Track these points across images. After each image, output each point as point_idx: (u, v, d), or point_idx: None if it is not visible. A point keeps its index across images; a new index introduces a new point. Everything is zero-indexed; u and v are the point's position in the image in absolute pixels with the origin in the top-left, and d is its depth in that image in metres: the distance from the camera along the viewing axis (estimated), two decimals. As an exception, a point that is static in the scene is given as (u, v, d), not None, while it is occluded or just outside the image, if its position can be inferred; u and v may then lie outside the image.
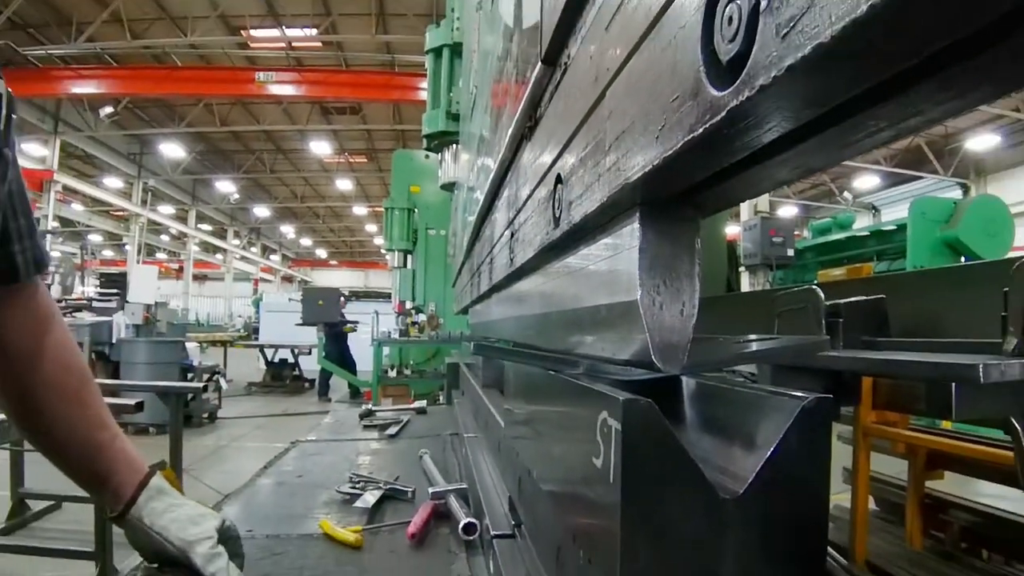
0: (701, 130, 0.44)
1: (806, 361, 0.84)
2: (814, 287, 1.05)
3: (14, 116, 1.01)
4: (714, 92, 0.42)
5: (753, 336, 1.06)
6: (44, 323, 1.16)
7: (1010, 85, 0.36)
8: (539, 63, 0.95)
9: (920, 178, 22.97)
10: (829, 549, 0.66)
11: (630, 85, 0.58)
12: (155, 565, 1.14)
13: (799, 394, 0.62)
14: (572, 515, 0.80)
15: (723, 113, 0.41)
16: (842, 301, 0.97)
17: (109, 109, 22.94)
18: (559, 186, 0.86)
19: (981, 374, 0.59)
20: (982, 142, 22.82)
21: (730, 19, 0.40)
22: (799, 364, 0.85)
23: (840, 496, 1.84)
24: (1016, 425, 0.59)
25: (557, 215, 0.87)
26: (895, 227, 8.57)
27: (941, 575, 1.68)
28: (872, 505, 2.02)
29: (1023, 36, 0.31)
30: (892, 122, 0.42)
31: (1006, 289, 0.65)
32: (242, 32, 19.82)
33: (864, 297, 1.00)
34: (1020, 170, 22.85)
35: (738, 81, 0.40)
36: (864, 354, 0.89)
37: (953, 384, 0.62)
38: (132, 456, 1.17)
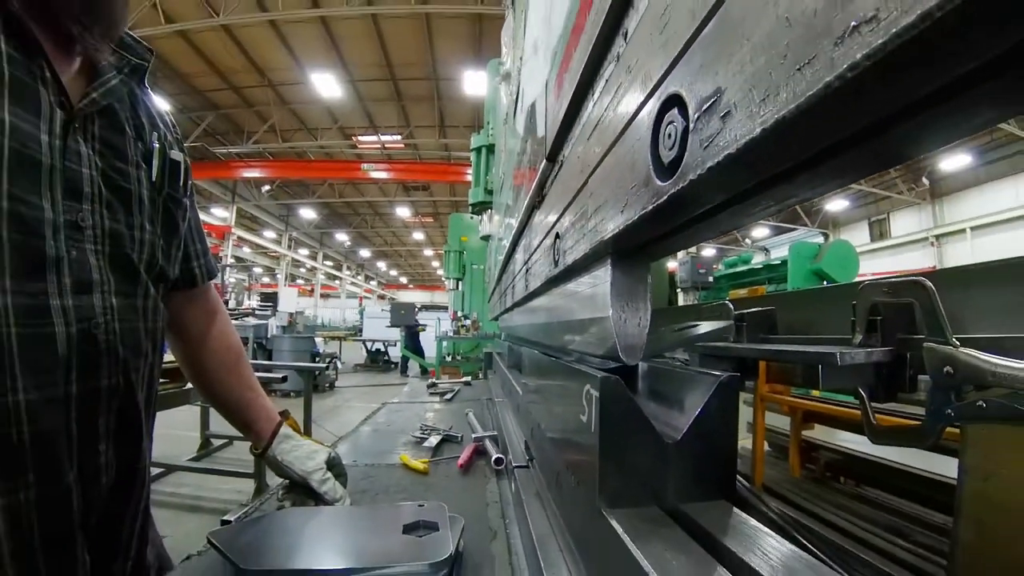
0: (651, 207, 0.44)
1: (721, 351, 0.84)
2: (727, 302, 1.04)
3: (191, 180, 1.01)
4: (659, 183, 0.42)
5: (682, 324, 1.07)
6: (211, 316, 1.16)
7: (852, 178, 0.36)
8: (544, 160, 0.95)
9: (795, 229, 22.96)
10: (737, 476, 0.65)
11: (604, 176, 0.59)
12: (288, 483, 1.15)
13: (717, 373, 0.62)
14: (566, 453, 0.80)
15: (665, 197, 0.42)
16: (745, 311, 0.97)
17: (267, 187, 23.33)
18: (558, 240, 0.86)
19: (838, 359, 0.58)
20: (836, 204, 22.92)
21: (669, 135, 0.41)
22: (717, 354, 0.85)
23: (745, 441, 1.82)
24: (861, 392, 0.59)
25: (556, 259, 0.86)
26: (780, 262, 8.49)
27: (811, 493, 1.64)
28: (766, 447, 1.99)
29: (852, 154, 0.32)
30: (777, 201, 0.42)
31: (854, 302, 0.64)
32: (352, 138, 20.06)
33: (760, 308, 1.00)
34: (863, 223, 22.80)
35: (675, 175, 0.40)
36: (760, 346, 0.88)
37: (820, 365, 0.62)
38: (270, 409, 1.18)
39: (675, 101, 0.40)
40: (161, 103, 1.00)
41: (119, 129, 0.82)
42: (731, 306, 1.00)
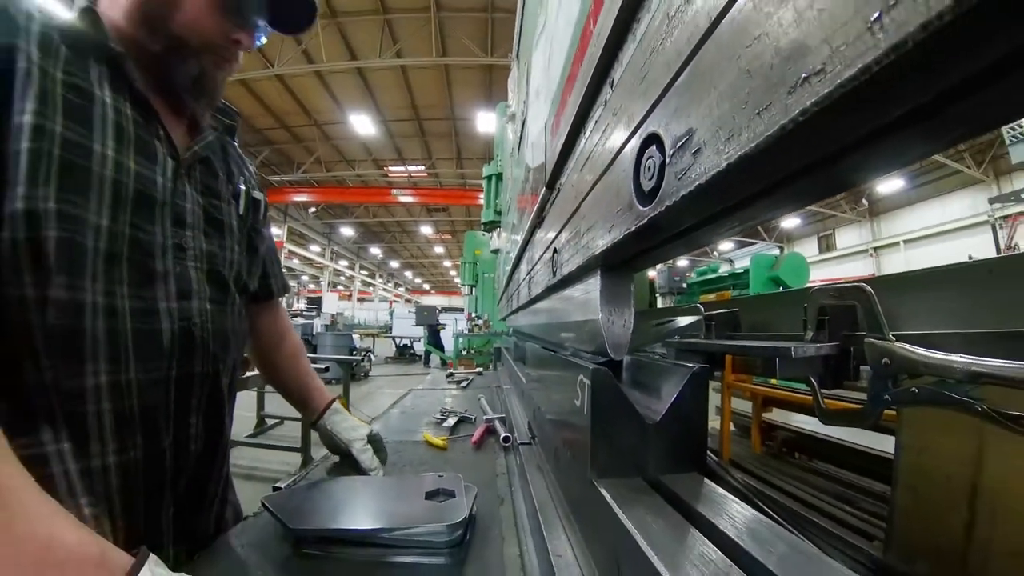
0: (633, 228, 0.44)
1: (693, 346, 0.83)
2: (698, 305, 1.04)
3: (268, 213, 1.09)
4: (640, 207, 0.42)
5: (661, 319, 1.06)
6: (282, 322, 1.23)
7: (805, 203, 0.36)
8: (544, 187, 0.96)
9: (755, 243, 22.90)
10: (708, 452, 0.64)
11: (594, 201, 0.58)
12: (333, 463, 1.20)
13: (690, 364, 0.61)
14: (562, 432, 0.79)
15: (645, 220, 0.41)
16: (713, 312, 0.97)
17: (313, 209, 23.41)
18: (555, 254, 0.86)
19: (792, 352, 0.57)
20: (790, 222, 22.88)
21: (649, 168, 0.41)
22: (690, 348, 0.84)
23: (714, 422, 1.81)
24: (812, 380, 0.58)
25: (555, 270, 0.86)
26: (742, 271, 8.42)
27: (770, 466, 1.63)
28: (732, 427, 1.97)
29: (785, 192, 0.32)
30: (741, 222, 0.42)
31: (805, 305, 0.64)
32: (384, 168, 20.15)
33: (726, 310, 0.99)
34: (812, 238, 22.77)
35: (654, 202, 0.40)
36: (726, 342, 0.87)
37: (776, 358, 0.61)
38: (323, 391, 1.22)
39: (654, 139, 0.40)
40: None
41: (214, 174, 0.90)
42: (702, 308, 1.00)
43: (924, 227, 17.24)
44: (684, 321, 1.01)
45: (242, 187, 0.98)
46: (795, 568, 0.36)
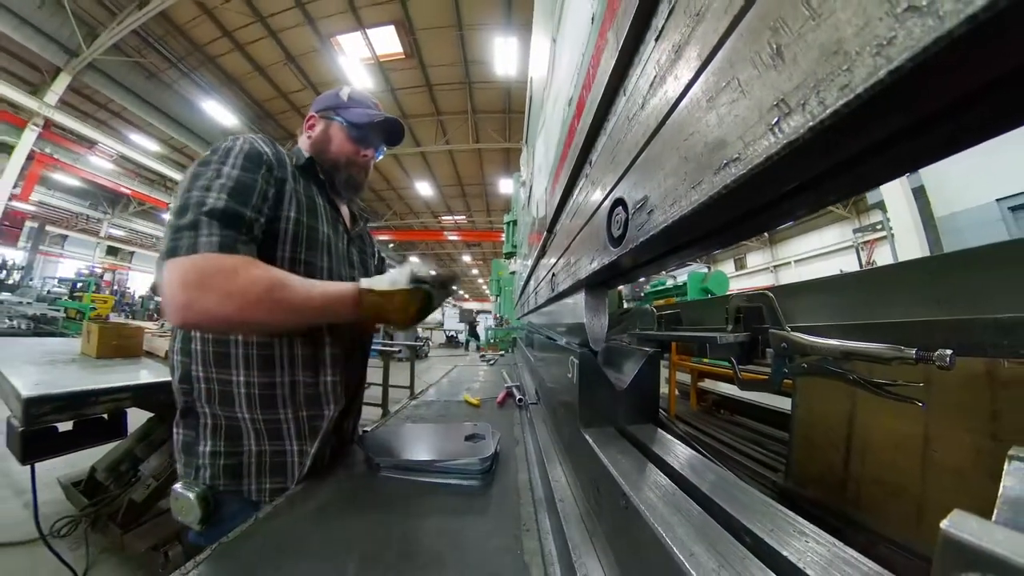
0: (607, 262, 0.44)
1: (648, 336, 0.81)
2: (651, 307, 1.02)
3: (385, 264, 1.14)
4: (612, 249, 0.42)
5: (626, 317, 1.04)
6: None
7: (731, 243, 0.35)
8: (546, 231, 0.96)
9: (690, 264, 22.43)
10: (660, 409, 0.63)
11: (580, 241, 0.58)
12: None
13: (647, 349, 0.60)
14: (559, 396, 0.78)
15: (615, 257, 0.41)
16: (663, 312, 0.95)
17: (392, 245, 23.69)
18: (554, 276, 0.85)
19: (717, 340, 0.56)
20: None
21: (617, 221, 0.41)
22: (646, 337, 0.83)
23: (664, 389, 1.78)
24: (732, 359, 0.57)
25: (553, 287, 0.86)
26: (682, 283, 8.28)
27: (704, 420, 1.58)
28: (676, 392, 1.93)
29: (718, 238, 0.32)
30: (683, 259, 0.41)
31: (726, 306, 0.63)
32: (438, 217, 20.36)
33: (671, 310, 0.97)
34: (730, 260, 22.27)
35: (621, 245, 0.39)
36: (671, 332, 0.86)
37: (707, 344, 0.60)
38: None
39: (620, 202, 0.40)
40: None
41: (362, 242, 1.01)
42: (654, 310, 0.98)
43: (809, 250, 16.91)
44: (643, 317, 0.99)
45: (377, 252, 1.11)
46: (721, 491, 0.35)
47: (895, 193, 5.91)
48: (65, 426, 1.16)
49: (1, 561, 1.57)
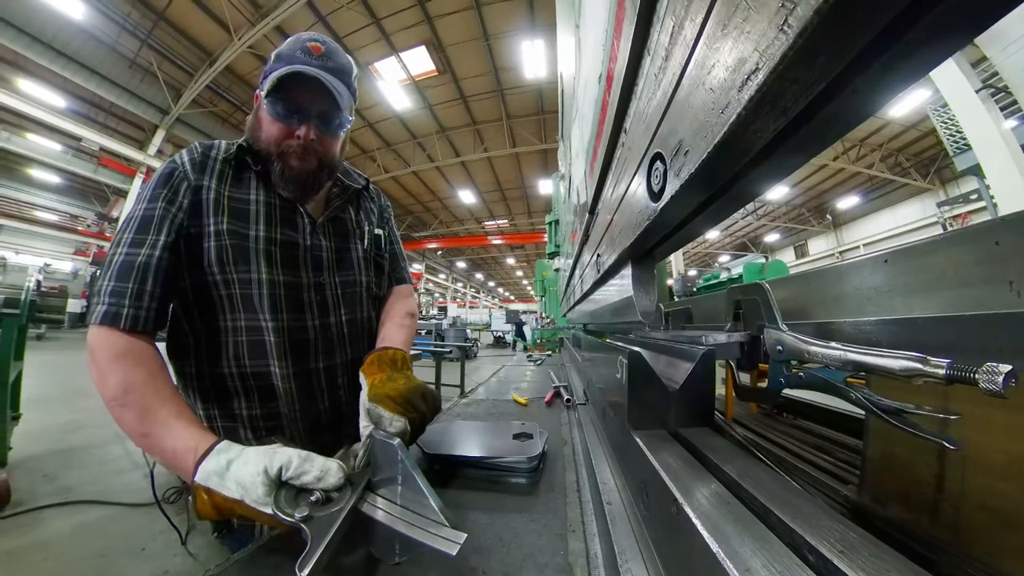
0: (651, 221, 0.42)
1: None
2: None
3: (392, 244, 0.98)
4: (653, 204, 0.40)
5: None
6: (392, 299, 0.95)
7: (759, 194, 0.32)
8: (587, 214, 0.93)
9: (746, 254, 20.90)
10: (715, 411, 0.59)
11: (622, 213, 0.56)
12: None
13: (700, 346, 0.57)
14: (608, 396, 0.76)
15: (657, 213, 0.40)
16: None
17: (439, 251, 24.53)
18: (598, 258, 0.83)
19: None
20: (772, 237, 20.77)
21: (657, 175, 0.39)
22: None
23: (720, 389, 1.65)
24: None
25: (599, 268, 0.83)
26: (737, 276, 7.72)
27: (764, 424, 1.46)
28: (734, 394, 1.80)
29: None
30: (718, 209, 0.39)
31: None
32: (482, 222, 20.78)
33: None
34: (790, 248, 20.43)
35: (662, 198, 0.38)
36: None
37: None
38: (388, 340, 0.83)
39: (657, 156, 0.39)
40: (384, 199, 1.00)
41: (342, 224, 0.85)
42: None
43: (878, 232, 15.31)
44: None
45: (366, 227, 0.90)
46: (782, 502, 0.32)
47: (995, 154, 4.70)
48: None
49: (129, 517, 2.08)
